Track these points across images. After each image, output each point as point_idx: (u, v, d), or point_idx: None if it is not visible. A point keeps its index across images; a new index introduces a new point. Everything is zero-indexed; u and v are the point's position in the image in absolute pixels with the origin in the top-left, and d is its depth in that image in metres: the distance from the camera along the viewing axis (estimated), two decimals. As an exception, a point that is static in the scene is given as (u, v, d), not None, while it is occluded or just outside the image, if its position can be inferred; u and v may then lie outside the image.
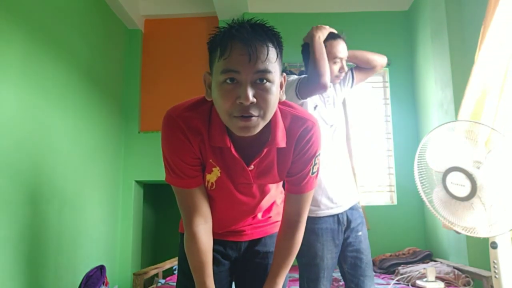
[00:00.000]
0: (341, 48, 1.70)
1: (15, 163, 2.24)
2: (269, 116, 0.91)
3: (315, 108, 1.71)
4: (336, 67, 1.70)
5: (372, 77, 3.91)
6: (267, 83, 0.87)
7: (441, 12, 2.99)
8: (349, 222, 1.67)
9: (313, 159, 1.05)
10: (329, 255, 1.63)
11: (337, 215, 1.66)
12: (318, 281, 1.63)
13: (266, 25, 0.91)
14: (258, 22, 0.91)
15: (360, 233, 1.69)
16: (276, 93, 0.90)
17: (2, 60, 2.15)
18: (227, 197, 1.10)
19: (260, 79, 0.87)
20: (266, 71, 0.86)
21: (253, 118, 0.88)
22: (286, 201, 1.13)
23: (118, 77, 3.78)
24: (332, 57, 1.68)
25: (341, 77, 1.74)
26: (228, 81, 0.87)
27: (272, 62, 0.88)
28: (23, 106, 2.32)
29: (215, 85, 0.90)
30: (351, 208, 1.70)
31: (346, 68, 1.72)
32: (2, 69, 2.15)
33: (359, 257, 1.66)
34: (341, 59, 1.70)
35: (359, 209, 1.75)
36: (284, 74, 0.98)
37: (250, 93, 0.85)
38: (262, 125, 0.91)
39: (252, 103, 0.86)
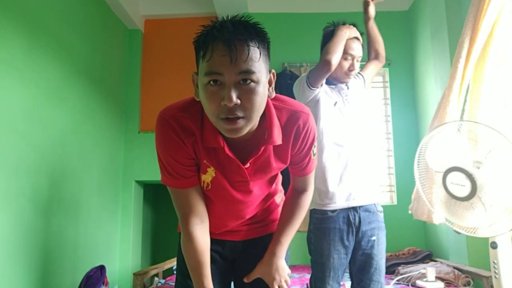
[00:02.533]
0: (354, 46, 1.71)
1: (15, 163, 2.24)
2: (255, 117, 0.90)
3: (335, 104, 1.73)
4: (346, 64, 1.71)
5: (372, 77, 3.93)
6: (251, 83, 0.86)
7: (441, 12, 2.99)
8: (360, 224, 1.66)
9: (312, 146, 1.09)
10: (336, 255, 1.63)
11: (348, 215, 1.66)
12: (324, 280, 1.64)
13: (249, 22, 0.90)
14: (241, 19, 0.90)
15: (373, 238, 1.66)
16: (262, 93, 0.89)
17: (2, 61, 2.15)
18: (224, 197, 1.09)
19: (243, 80, 0.86)
20: (248, 72, 0.85)
21: (238, 120, 0.87)
22: (293, 181, 1.20)
23: (118, 77, 3.78)
24: (343, 53, 1.70)
25: (351, 76, 1.74)
26: (211, 83, 0.86)
27: (255, 61, 0.86)
28: (23, 106, 2.32)
29: (200, 86, 0.90)
30: (367, 210, 1.68)
31: (356, 67, 1.73)
32: (2, 70, 2.15)
33: (368, 261, 1.65)
34: (353, 57, 1.71)
35: (379, 213, 1.72)
36: (273, 70, 0.97)
37: (234, 94, 0.84)
38: (249, 126, 0.91)
39: (236, 104, 0.85)
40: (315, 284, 1.68)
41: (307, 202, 1.20)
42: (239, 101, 0.85)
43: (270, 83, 0.95)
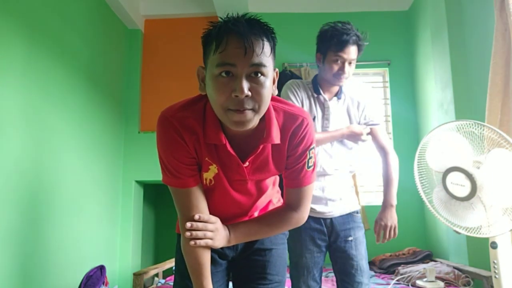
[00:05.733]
0: (346, 50, 1.61)
1: (16, 163, 2.24)
2: (263, 110, 0.92)
3: (313, 119, 1.69)
4: (335, 66, 1.63)
5: (372, 77, 3.93)
6: (262, 77, 0.89)
7: (441, 12, 2.99)
8: (332, 224, 1.66)
9: (307, 152, 1.05)
10: (308, 254, 1.64)
11: (319, 216, 1.66)
12: (299, 278, 1.65)
13: (261, 20, 0.93)
14: (252, 17, 0.93)
15: (350, 238, 1.65)
16: (269, 87, 0.92)
17: (3, 61, 2.15)
18: (223, 196, 1.10)
19: (255, 73, 0.88)
20: (261, 65, 0.88)
21: (247, 112, 0.89)
22: (285, 195, 1.14)
23: (118, 77, 3.78)
24: (333, 54, 1.62)
25: (342, 79, 1.65)
26: (223, 74, 0.88)
27: (267, 56, 0.90)
28: (24, 107, 2.32)
29: (209, 78, 0.91)
30: (340, 215, 1.68)
31: (347, 71, 1.63)
32: (3, 70, 2.15)
33: (348, 263, 1.63)
34: (343, 59, 1.61)
35: (354, 214, 1.70)
36: (277, 69, 0.99)
37: (245, 86, 0.87)
38: (256, 119, 0.93)
39: (247, 96, 0.87)
40: (291, 282, 1.69)
41: (293, 222, 1.12)
42: (250, 93, 0.88)
43: (273, 80, 0.98)
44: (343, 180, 1.71)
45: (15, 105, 2.25)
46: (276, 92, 1.00)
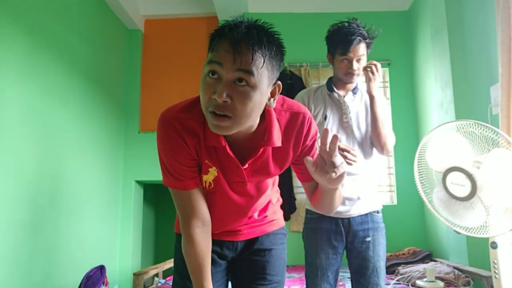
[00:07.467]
0: (352, 49, 1.63)
1: (16, 163, 2.24)
2: (243, 121, 0.89)
3: (325, 117, 1.70)
4: (343, 65, 1.67)
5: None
6: (247, 87, 0.86)
7: (441, 12, 2.99)
8: (350, 224, 1.64)
9: (316, 143, 1.07)
10: (323, 255, 1.62)
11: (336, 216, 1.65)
12: (313, 279, 1.64)
13: (266, 29, 0.89)
14: (259, 25, 0.89)
15: (368, 239, 1.62)
16: (257, 100, 0.88)
17: (3, 61, 2.15)
18: (223, 197, 1.09)
19: (239, 79, 0.85)
20: (247, 72, 0.85)
21: (225, 119, 0.87)
22: (308, 189, 1.15)
23: (118, 77, 3.78)
24: (340, 55, 1.66)
25: (353, 77, 1.67)
26: (210, 75, 0.87)
27: (258, 67, 0.86)
28: (24, 107, 2.33)
29: (202, 77, 0.91)
30: (359, 214, 1.66)
31: (356, 67, 1.64)
32: (3, 70, 2.15)
33: (364, 264, 1.62)
34: (349, 58, 1.64)
35: (374, 213, 1.67)
36: (279, 83, 0.95)
37: (225, 91, 0.84)
38: (235, 128, 0.90)
39: (225, 102, 0.85)
40: (306, 282, 1.69)
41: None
42: (229, 100, 0.85)
43: (273, 94, 0.95)
44: (365, 178, 1.69)
45: (15, 106, 2.25)
46: (273, 106, 0.97)
